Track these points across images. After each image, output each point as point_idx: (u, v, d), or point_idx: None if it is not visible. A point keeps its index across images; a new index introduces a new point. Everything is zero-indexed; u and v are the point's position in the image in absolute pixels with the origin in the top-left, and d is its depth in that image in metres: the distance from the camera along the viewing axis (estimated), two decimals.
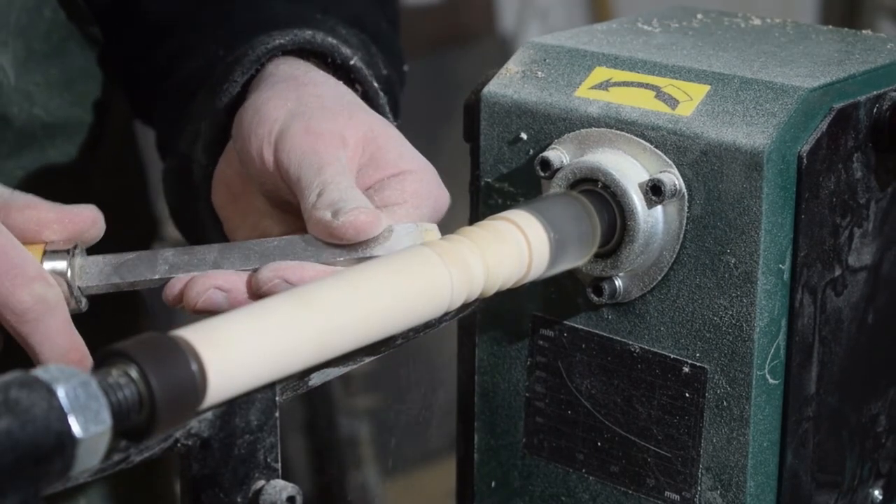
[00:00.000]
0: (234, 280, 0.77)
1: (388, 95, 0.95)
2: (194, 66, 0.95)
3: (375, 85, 0.90)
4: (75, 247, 0.79)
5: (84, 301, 0.79)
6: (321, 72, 0.88)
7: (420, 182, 0.81)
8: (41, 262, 0.77)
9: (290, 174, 0.80)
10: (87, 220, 0.79)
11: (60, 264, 0.78)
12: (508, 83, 0.87)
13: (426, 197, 0.81)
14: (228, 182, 0.87)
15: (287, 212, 0.85)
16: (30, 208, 0.78)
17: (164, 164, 0.97)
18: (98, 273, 0.79)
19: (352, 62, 0.89)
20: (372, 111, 0.86)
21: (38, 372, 0.58)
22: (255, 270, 0.77)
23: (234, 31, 0.93)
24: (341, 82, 0.88)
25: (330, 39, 0.89)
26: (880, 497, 0.90)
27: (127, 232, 1.11)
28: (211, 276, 0.77)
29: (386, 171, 0.81)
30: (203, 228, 0.93)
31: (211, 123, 0.89)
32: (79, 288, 0.78)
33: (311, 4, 0.97)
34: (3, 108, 0.99)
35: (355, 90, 0.89)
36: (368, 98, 0.90)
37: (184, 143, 0.93)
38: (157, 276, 0.78)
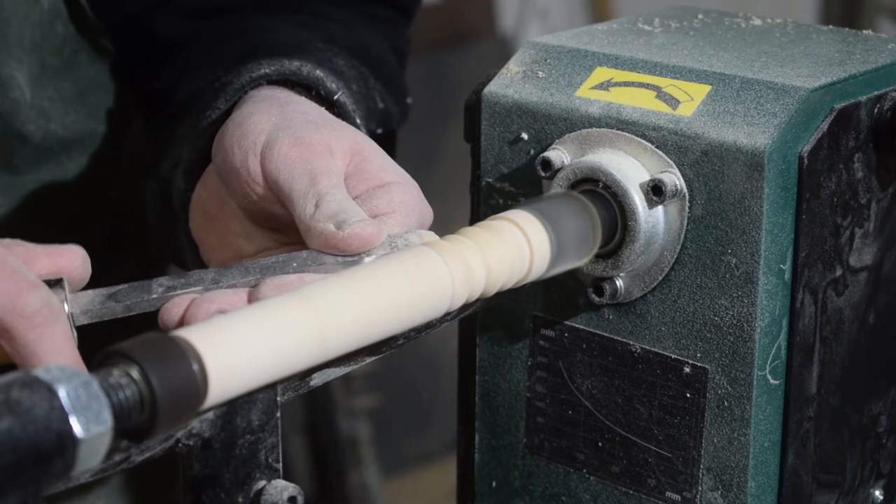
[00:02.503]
0: (235, 301, 0.76)
1: (382, 128, 0.96)
2: (195, 87, 0.96)
3: (358, 121, 0.90)
4: (62, 279, 0.76)
5: (74, 333, 0.75)
6: (303, 98, 0.89)
7: (405, 193, 0.81)
8: None
9: (281, 184, 0.81)
10: (76, 256, 0.77)
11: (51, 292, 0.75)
12: (509, 83, 0.87)
13: (413, 207, 0.81)
14: (204, 205, 0.87)
15: (267, 228, 0.85)
16: (17, 245, 0.76)
17: (147, 183, 0.97)
18: (90, 300, 0.76)
19: (335, 97, 0.89)
20: (354, 127, 0.86)
21: (39, 372, 0.58)
22: (255, 287, 0.77)
23: (238, 55, 0.93)
24: (323, 107, 0.88)
25: (317, 72, 0.89)
26: (881, 497, 0.90)
27: (147, 239, 1.11)
28: (212, 300, 0.76)
29: (370, 182, 0.82)
30: (181, 251, 0.93)
31: (192, 149, 0.89)
32: (71, 315, 0.75)
33: (317, 32, 0.98)
34: (20, 125, 0.99)
35: None
36: None
37: (165, 167, 0.93)
38: (154, 297, 0.77)
